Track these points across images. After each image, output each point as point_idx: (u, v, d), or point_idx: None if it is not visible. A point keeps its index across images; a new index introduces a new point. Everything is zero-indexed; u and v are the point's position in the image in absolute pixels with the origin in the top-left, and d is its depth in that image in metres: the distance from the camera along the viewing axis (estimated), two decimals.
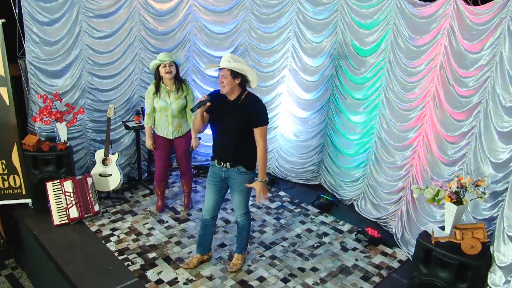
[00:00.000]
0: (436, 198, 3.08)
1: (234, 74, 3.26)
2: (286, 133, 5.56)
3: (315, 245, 4.29)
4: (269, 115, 3.69)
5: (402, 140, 4.34)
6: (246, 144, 3.41)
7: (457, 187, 2.99)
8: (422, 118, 4.13)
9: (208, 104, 3.32)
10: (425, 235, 3.22)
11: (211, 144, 5.76)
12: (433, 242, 3.06)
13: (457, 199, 3.03)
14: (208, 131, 3.67)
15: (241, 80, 3.31)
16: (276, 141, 5.65)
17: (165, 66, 4.16)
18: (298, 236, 4.45)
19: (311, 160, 5.48)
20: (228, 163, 3.47)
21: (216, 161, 3.56)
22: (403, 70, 4.21)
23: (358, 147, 4.98)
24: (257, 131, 3.34)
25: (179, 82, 4.31)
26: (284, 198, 5.21)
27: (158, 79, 4.25)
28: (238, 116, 3.33)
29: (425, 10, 3.92)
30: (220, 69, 3.30)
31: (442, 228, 3.27)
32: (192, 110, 3.42)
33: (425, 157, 4.11)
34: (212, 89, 5.48)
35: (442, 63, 3.84)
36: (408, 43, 4.12)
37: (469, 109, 3.56)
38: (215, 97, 3.38)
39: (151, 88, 4.32)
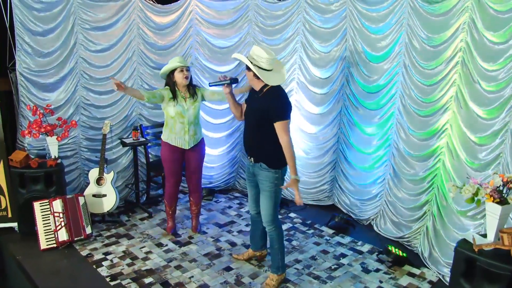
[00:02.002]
0: (476, 198, 2.66)
1: (247, 66, 3.25)
2: (295, 151, 5.16)
3: (333, 267, 3.81)
4: None
5: (423, 149, 3.97)
6: (266, 139, 3.25)
7: (503, 182, 2.56)
8: (445, 122, 3.78)
9: (226, 84, 3.44)
10: (464, 244, 2.77)
11: (212, 165, 5.52)
12: (475, 250, 2.61)
13: (501, 198, 2.61)
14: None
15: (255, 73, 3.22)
16: None
17: (182, 71, 3.89)
18: (313, 258, 3.97)
19: (323, 178, 5.09)
20: (252, 158, 3.40)
21: (246, 154, 3.58)
22: (420, 73, 3.92)
23: (374, 161, 4.60)
24: (276, 127, 3.19)
25: (193, 87, 4.06)
26: (295, 220, 4.76)
27: (173, 84, 3.95)
28: (256, 108, 3.28)
29: (442, 7, 3.67)
30: None
31: (483, 236, 2.82)
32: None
33: (450, 165, 3.73)
34: (216, 107, 5.29)
35: (464, 59, 3.55)
36: (424, 43, 3.85)
37: (500, 105, 3.22)
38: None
39: (167, 92, 3.92)
